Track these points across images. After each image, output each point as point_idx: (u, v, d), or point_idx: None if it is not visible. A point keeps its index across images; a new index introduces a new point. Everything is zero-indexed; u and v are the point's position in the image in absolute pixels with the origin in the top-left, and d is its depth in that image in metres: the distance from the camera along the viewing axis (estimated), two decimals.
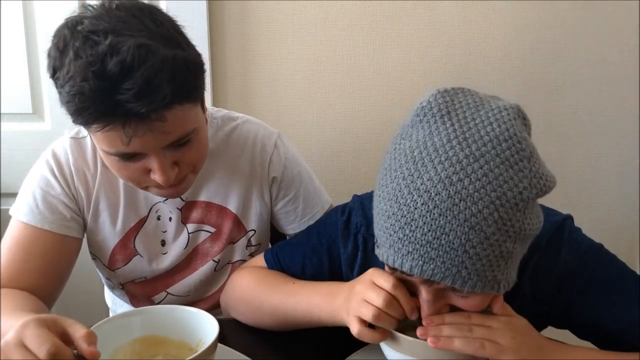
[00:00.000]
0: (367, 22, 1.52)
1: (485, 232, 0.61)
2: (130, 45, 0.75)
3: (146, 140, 0.80)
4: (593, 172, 1.67)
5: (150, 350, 0.75)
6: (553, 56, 1.58)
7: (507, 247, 0.63)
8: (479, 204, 0.61)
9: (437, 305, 0.70)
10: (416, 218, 0.62)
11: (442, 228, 0.61)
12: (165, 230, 1.05)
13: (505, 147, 0.63)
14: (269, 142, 1.06)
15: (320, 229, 0.94)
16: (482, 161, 0.62)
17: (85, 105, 0.76)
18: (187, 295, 1.10)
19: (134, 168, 0.86)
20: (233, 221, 1.06)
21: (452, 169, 0.62)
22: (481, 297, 0.69)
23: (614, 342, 0.78)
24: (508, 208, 0.62)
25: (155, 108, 0.77)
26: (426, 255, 0.63)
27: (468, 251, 0.62)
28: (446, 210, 0.61)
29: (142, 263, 1.06)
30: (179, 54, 0.79)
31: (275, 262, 0.95)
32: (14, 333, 0.60)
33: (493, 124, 0.65)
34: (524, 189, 0.63)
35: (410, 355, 0.69)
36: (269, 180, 1.06)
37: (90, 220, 1.02)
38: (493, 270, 0.64)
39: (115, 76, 0.74)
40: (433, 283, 0.67)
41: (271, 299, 0.87)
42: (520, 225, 0.63)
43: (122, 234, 1.03)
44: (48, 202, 0.97)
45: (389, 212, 0.65)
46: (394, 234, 0.65)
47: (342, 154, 1.61)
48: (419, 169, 0.63)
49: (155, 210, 1.03)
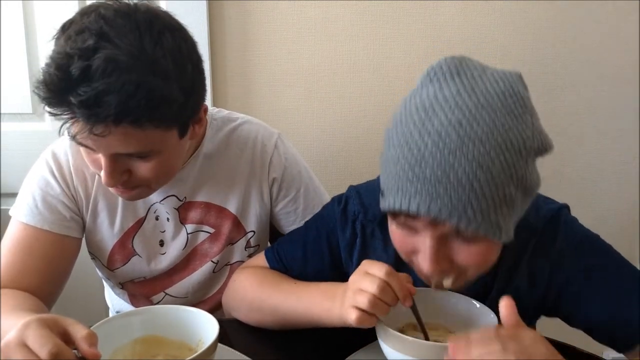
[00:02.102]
0: (367, 22, 1.52)
1: (492, 171, 0.64)
2: (103, 56, 0.75)
3: (94, 142, 0.81)
4: (593, 172, 1.68)
5: (150, 351, 0.75)
6: (553, 56, 1.58)
7: (510, 192, 0.66)
8: (486, 145, 0.64)
9: (439, 255, 0.70)
10: (426, 157, 0.65)
11: (452, 165, 0.64)
12: (163, 231, 1.05)
13: (511, 101, 0.67)
14: (269, 143, 1.06)
15: (318, 221, 0.95)
16: (489, 109, 0.66)
17: (43, 89, 0.78)
18: (185, 297, 1.10)
19: (92, 157, 0.87)
20: (232, 222, 1.06)
21: (462, 114, 0.65)
22: (483, 248, 0.70)
23: (604, 334, 0.79)
24: (513, 153, 0.66)
25: (96, 121, 0.77)
26: (434, 192, 0.65)
27: (475, 188, 0.64)
28: (455, 149, 0.64)
29: (140, 263, 1.06)
30: (153, 84, 0.78)
31: (276, 259, 0.95)
32: (16, 333, 0.60)
33: (499, 82, 0.69)
34: (527, 139, 0.67)
35: (410, 355, 0.69)
36: (269, 181, 1.06)
37: (89, 220, 1.02)
38: (496, 214, 0.66)
39: (74, 78, 0.75)
40: (438, 225, 0.68)
41: (272, 299, 0.87)
42: (522, 173, 0.67)
43: (121, 234, 1.03)
44: (47, 203, 0.97)
45: (399, 155, 0.68)
46: (403, 174, 0.67)
47: (342, 154, 1.61)
48: (429, 115, 0.67)
49: (153, 211, 1.03)
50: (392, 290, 0.71)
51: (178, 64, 0.82)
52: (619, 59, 1.59)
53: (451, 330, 0.81)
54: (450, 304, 0.80)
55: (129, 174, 0.87)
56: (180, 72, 0.82)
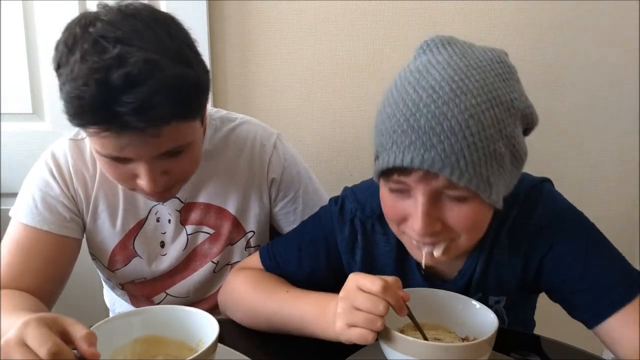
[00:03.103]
0: (367, 22, 1.52)
1: (483, 122, 0.68)
2: (138, 59, 0.74)
3: (139, 149, 0.81)
4: (593, 172, 1.67)
5: (150, 351, 0.75)
6: (553, 56, 1.58)
7: (500, 148, 0.69)
8: (477, 98, 0.68)
9: (431, 214, 0.72)
10: (421, 108, 0.68)
11: (445, 115, 0.67)
12: (164, 232, 1.05)
13: (499, 67, 0.73)
14: (268, 143, 1.06)
15: (315, 222, 0.95)
16: (479, 70, 0.70)
17: (83, 110, 0.76)
18: (186, 296, 1.10)
19: (123, 170, 0.86)
20: (232, 223, 1.05)
21: (454, 72, 0.70)
22: (473, 209, 0.72)
23: (577, 307, 0.80)
24: (502, 110, 0.70)
25: (152, 124, 0.77)
26: (428, 142, 0.67)
27: (467, 138, 0.67)
28: (449, 100, 0.68)
29: (141, 264, 1.06)
30: (186, 74, 0.79)
31: (270, 259, 0.95)
32: (16, 331, 0.60)
33: (487, 52, 0.75)
34: (515, 99, 0.71)
35: (410, 355, 0.69)
36: (268, 182, 1.06)
37: (90, 221, 1.02)
38: (487, 169, 0.69)
39: (118, 88, 0.74)
40: (430, 180, 0.69)
41: (266, 307, 0.87)
42: (511, 132, 0.70)
43: (122, 236, 1.03)
44: (47, 203, 0.97)
45: (395, 111, 0.71)
46: (398, 128, 0.69)
47: (342, 154, 1.61)
48: (423, 75, 0.71)
49: (154, 212, 1.03)
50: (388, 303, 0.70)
51: (193, 50, 0.84)
52: (619, 59, 1.59)
53: (451, 330, 0.81)
54: (449, 304, 0.80)
55: (167, 175, 0.87)
56: (196, 56, 0.84)
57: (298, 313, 0.83)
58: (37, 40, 1.44)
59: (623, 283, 0.77)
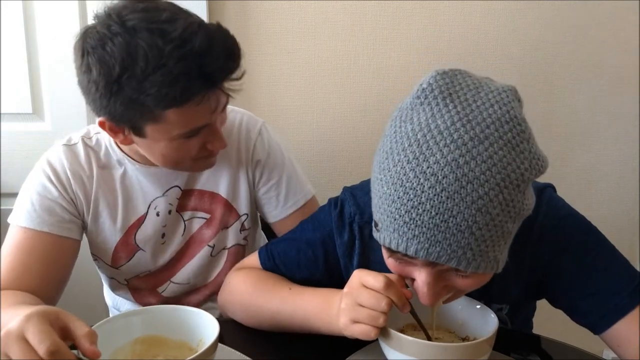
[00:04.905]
0: (367, 22, 1.52)
1: (491, 213, 0.63)
2: (194, 24, 0.84)
3: (219, 105, 0.91)
4: (593, 172, 1.68)
5: (150, 351, 0.75)
6: (553, 56, 1.58)
7: (508, 227, 0.65)
8: (485, 186, 0.62)
9: (437, 287, 0.70)
10: (423, 201, 0.63)
11: (450, 211, 0.62)
12: (165, 225, 1.07)
13: (507, 129, 0.65)
14: (254, 129, 1.10)
15: (313, 223, 0.95)
16: (486, 143, 0.63)
17: (190, 82, 0.82)
18: (187, 282, 1.12)
19: (194, 143, 0.92)
20: (224, 206, 1.09)
21: (458, 151, 0.63)
22: (479, 278, 0.70)
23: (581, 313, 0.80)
24: (511, 189, 0.64)
25: (236, 66, 0.88)
26: (433, 238, 0.63)
27: (474, 233, 0.63)
28: (454, 193, 0.62)
29: (145, 257, 1.08)
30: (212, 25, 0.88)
31: (269, 260, 0.95)
32: (17, 324, 0.60)
33: (494, 105, 0.66)
34: (525, 170, 0.65)
35: (410, 355, 0.69)
36: (253, 164, 1.09)
37: (91, 222, 1.03)
38: (495, 251, 0.66)
39: (204, 50, 0.82)
40: (437, 265, 0.67)
41: (268, 305, 0.87)
42: (520, 206, 0.66)
43: (123, 232, 1.05)
44: (46, 206, 0.98)
45: (394, 196, 0.65)
46: (399, 217, 0.65)
47: (342, 154, 1.61)
48: (424, 152, 0.64)
49: (153, 207, 1.05)
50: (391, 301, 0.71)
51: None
52: (619, 59, 1.59)
53: (451, 330, 0.81)
54: (450, 304, 0.80)
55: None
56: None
57: (302, 308, 0.83)
58: (37, 40, 1.44)
59: (628, 288, 0.77)
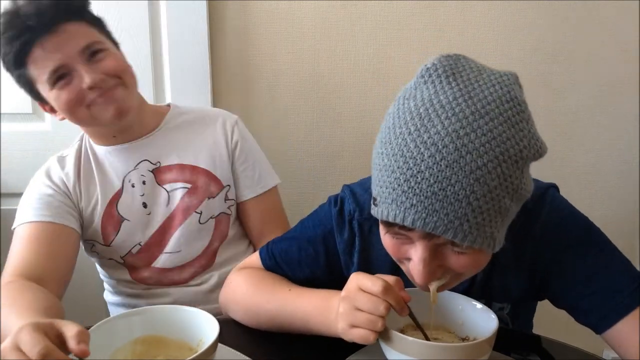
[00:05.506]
0: (367, 23, 1.52)
1: (489, 185, 0.63)
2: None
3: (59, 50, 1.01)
4: (593, 172, 1.68)
5: (150, 351, 0.75)
6: (553, 56, 1.58)
7: (505, 203, 0.66)
8: (484, 157, 0.63)
9: (432, 265, 0.70)
10: (422, 170, 0.63)
11: (449, 179, 0.63)
12: (142, 194, 1.16)
13: (508, 107, 0.66)
14: (230, 121, 1.24)
15: (314, 221, 0.95)
16: (487, 118, 0.64)
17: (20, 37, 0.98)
18: (178, 250, 1.18)
19: (72, 89, 1.04)
20: (206, 175, 1.18)
21: (459, 123, 0.64)
22: (474, 256, 0.70)
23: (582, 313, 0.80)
24: (510, 164, 0.65)
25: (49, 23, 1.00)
26: (430, 207, 0.64)
27: (472, 203, 0.63)
28: (453, 162, 0.63)
29: (132, 227, 1.16)
30: None
31: (270, 259, 0.95)
32: (11, 338, 0.63)
33: (495, 85, 0.68)
34: (524, 148, 0.66)
35: (410, 355, 0.69)
36: (232, 143, 1.22)
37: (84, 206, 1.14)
38: (491, 226, 0.66)
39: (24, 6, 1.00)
40: (432, 238, 0.67)
41: (268, 306, 0.88)
42: (518, 183, 0.66)
43: (105, 206, 1.15)
44: (45, 201, 1.10)
45: (394, 166, 0.66)
46: (398, 187, 0.65)
47: (342, 154, 1.61)
48: (425, 124, 0.65)
49: (127, 181, 1.16)
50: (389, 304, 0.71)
51: None
52: (619, 60, 1.59)
53: (451, 330, 0.81)
54: (450, 304, 0.81)
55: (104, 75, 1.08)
56: None
57: (301, 310, 0.83)
58: None
59: (629, 287, 0.77)
